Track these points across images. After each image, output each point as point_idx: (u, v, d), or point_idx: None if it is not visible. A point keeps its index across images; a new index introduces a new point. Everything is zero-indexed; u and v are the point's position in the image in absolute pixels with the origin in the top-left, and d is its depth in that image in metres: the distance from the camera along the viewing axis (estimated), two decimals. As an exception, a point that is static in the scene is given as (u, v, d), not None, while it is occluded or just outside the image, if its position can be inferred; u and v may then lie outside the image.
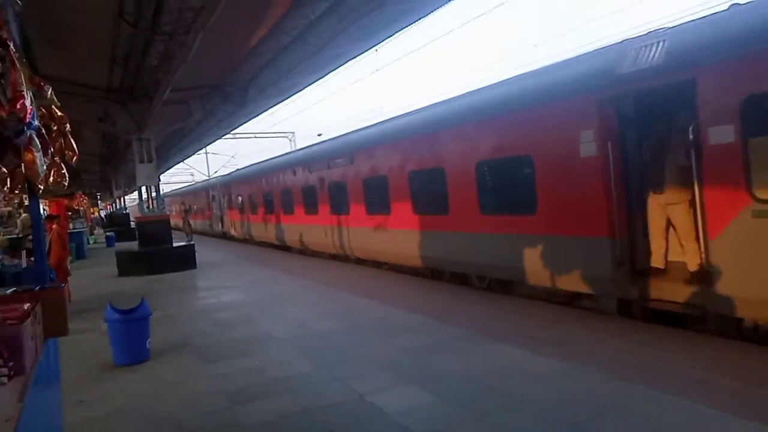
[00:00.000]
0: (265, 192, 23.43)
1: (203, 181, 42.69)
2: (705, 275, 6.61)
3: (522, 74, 9.79)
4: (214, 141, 34.94)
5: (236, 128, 28.36)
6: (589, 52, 8.44)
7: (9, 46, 3.27)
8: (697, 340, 6.78)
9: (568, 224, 8.31)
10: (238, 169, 30.83)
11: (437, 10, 11.97)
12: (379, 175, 13.73)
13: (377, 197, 13.92)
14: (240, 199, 27.65)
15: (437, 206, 11.43)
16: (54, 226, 12.07)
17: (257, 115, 23.86)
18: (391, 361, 6.56)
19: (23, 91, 3.44)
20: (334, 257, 18.00)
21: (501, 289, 10.45)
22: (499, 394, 5.32)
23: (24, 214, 19.99)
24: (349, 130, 16.99)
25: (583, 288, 8.24)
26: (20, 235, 15.54)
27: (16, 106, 3.33)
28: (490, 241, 9.94)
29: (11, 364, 2.85)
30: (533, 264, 8.96)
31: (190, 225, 29.01)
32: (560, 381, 5.56)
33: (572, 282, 8.36)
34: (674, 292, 7.06)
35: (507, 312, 8.86)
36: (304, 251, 20.25)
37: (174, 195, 53.32)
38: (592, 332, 7.36)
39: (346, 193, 15.62)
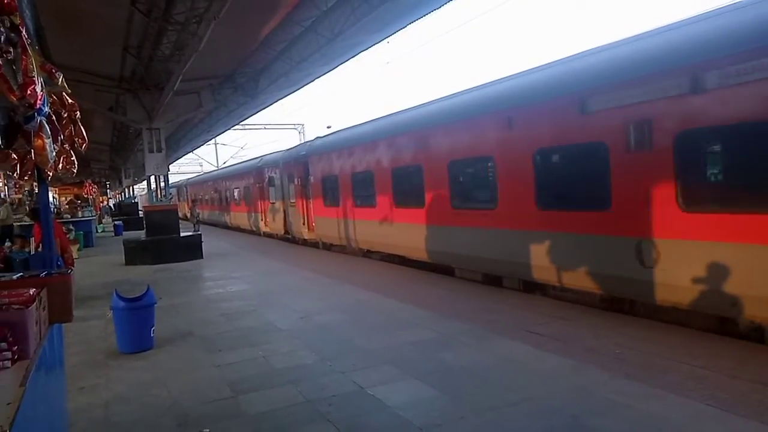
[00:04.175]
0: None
1: (254, 159, 29.08)
2: None
3: None
4: (224, 131, 34.96)
5: (247, 119, 28.36)
6: None
7: (21, 31, 3.28)
8: (695, 337, 6.76)
9: None
10: (318, 137, 19.52)
11: (451, 1, 11.72)
12: None
13: None
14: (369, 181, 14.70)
15: None
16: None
17: (268, 106, 23.85)
18: (394, 354, 6.57)
19: (34, 76, 3.45)
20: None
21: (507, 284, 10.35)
22: (502, 389, 5.32)
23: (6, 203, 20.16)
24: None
25: None
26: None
27: (26, 91, 3.34)
28: None
29: (15, 348, 2.87)
30: None
31: (195, 216, 28.96)
32: (562, 377, 5.55)
33: None
34: None
35: (512, 307, 8.83)
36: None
37: (202, 181, 41.74)
38: (595, 328, 7.35)
39: None
